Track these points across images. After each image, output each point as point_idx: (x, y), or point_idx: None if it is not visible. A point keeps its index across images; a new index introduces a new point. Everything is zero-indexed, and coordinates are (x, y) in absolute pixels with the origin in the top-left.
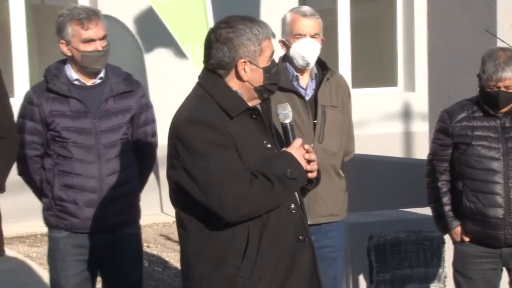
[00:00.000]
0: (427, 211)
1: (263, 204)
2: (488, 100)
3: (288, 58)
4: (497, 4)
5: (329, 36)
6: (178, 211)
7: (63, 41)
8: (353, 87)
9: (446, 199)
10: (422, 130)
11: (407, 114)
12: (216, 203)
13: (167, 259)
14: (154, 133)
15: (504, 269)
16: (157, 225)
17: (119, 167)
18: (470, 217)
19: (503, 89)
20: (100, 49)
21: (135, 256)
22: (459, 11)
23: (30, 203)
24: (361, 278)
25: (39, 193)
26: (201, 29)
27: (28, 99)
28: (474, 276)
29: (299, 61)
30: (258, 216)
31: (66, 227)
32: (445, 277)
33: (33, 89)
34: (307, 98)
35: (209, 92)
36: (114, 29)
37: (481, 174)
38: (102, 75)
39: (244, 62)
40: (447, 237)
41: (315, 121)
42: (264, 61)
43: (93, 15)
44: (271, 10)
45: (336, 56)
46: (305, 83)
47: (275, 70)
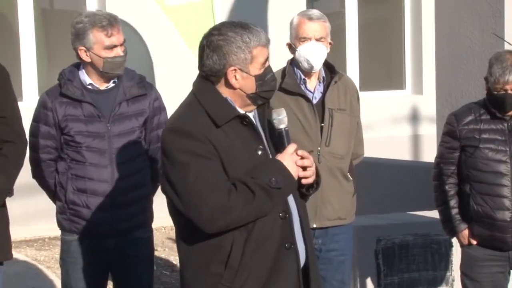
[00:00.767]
0: (434, 214)
1: (243, 215)
2: (495, 103)
3: (295, 62)
4: (504, 7)
5: (337, 39)
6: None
7: (82, 48)
8: (361, 90)
9: (453, 202)
10: (430, 133)
11: (414, 117)
12: (193, 213)
13: (174, 262)
14: None
15: None
16: (165, 229)
17: (132, 171)
18: (478, 220)
19: (510, 92)
20: (122, 54)
21: (146, 260)
22: (466, 14)
23: (38, 207)
24: (368, 282)
25: (53, 196)
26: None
27: (42, 103)
28: (482, 279)
29: (304, 65)
30: (243, 225)
31: (79, 230)
32: (453, 280)
33: (47, 93)
34: (314, 101)
35: (198, 99)
36: (123, 33)
37: (489, 177)
38: (115, 78)
39: (235, 70)
40: (454, 240)
41: (323, 124)
42: (256, 68)
43: (114, 21)
44: (279, 14)
45: (344, 59)
46: (313, 86)
47: (269, 77)
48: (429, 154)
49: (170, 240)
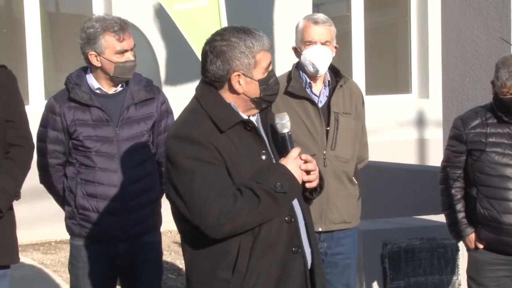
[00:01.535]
0: (441, 218)
1: (249, 220)
2: (502, 107)
3: (301, 65)
4: (511, 11)
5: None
6: (176, 225)
7: (93, 53)
8: (367, 94)
9: (460, 206)
10: (436, 137)
11: (421, 121)
12: (199, 219)
13: (180, 266)
14: None
15: None
16: (171, 232)
17: (141, 174)
18: (484, 224)
19: None
20: (133, 59)
21: (155, 265)
22: (473, 18)
23: (45, 211)
24: (375, 286)
25: (62, 201)
26: None
27: (50, 108)
28: (488, 284)
29: (309, 68)
30: (250, 229)
31: (89, 235)
32: (459, 284)
33: (54, 98)
34: (320, 105)
35: (202, 105)
36: None
37: (495, 181)
38: (123, 82)
39: (238, 75)
40: (461, 244)
41: (328, 128)
42: (259, 73)
43: (125, 26)
44: (285, 17)
45: (350, 63)
46: (318, 90)
47: (273, 81)
48: (436, 158)
49: (176, 244)
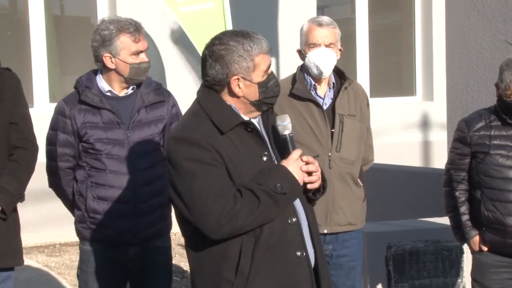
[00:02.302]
0: (445, 220)
1: (249, 221)
2: (506, 109)
3: (305, 68)
4: None
5: (347, 46)
6: (179, 227)
7: (107, 55)
8: (371, 96)
9: (464, 208)
10: (440, 139)
11: (425, 124)
12: (200, 221)
13: (185, 268)
14: None
15: None
16: (175, 235)
17: (152, 177)
18: (489, 227)
19: None
20: (147, 60)
21: (165, 269)
22: (477, 20)
23: (49, 213)
24: None
25: (71, 205)
26: None
27: (60, 111)
28: (493, 286)
29: (313, 70)
30: (250, 230)
31: (100, 239)
32: (463, 287)
33: (64, 100)
34: (325, 107)
35: (203, 107)
36: None
37: (499, 183)
38: (134, 85)
39: (238, 79)
40: (465, 247)
41: (333, 130)
42: (258, 76)
43: (139, 27)
44: (290, 20)
45: (354, 66)
46: (323, 92)
47: (272, 83)
48: (440, 160)
49: (180, 247)
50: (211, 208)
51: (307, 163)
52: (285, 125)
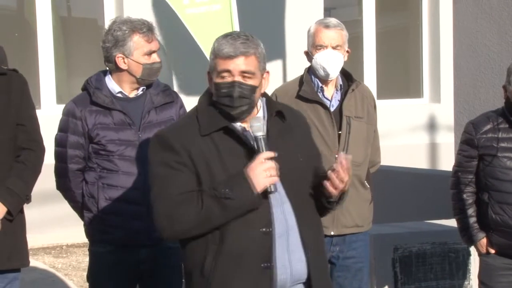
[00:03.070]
0: (452, 222)
1: (192, 225)
2: None
3: (312, 69)
4: None
5: (354, 48)
6: None
7: (120, 55)
8: (379, 98)
9: (471, 211)
10: (448, 142)
11: (432, 126)
12: (154, 219)
13: None
14: None
15: None
16: None
17: None
18: (496, 229)
19: None
20: (159, 60)
21: (176, 270)
22: (485, 22)
23: (56, 214)
24: None
25: (80, 207)
26: None
27: (70, 112)
28: None
29: (320, 72)
30: (206, 233)
31: (111, 240)
32: None
33: (74, 102)
34: (332, 109)
35: (197, 108)
36: None
37: (507, 186)
38: (144, 86)
39: (211, 78)
40: (473, 249)
41: (340, 132)
42: (216, 77)
43: (152, 27)
44: (297, 22)
45: (361, 67)
46: (330, 94)
47: (224, 87)
48: (447, 162)
49: None
50: (157, 210)
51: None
52: (259, 126)
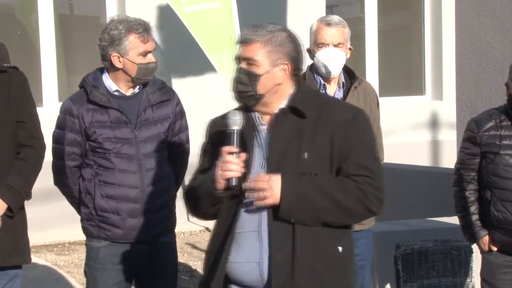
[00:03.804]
0: (454, 220)
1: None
2: None
3: (314, 67)
4: None
5: (356, 45)
6: None
7: (116, 54)
8: (381, 95)
9: (473, 208)
10: (450, 139)
11: (434, 123)
12: None
13: (194, 267)
14: (188, 140)
15: None
16: (183, 234)
17: (160, 175)
18: (498, 227)
19: None
20: (154, 60)
21: (171, 265)
22: (487, 19)
23: (58, 212)
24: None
25: (77, 203)
26: (227, 37)
27: (67, 110)
28: (502, 286)
29: (321, 70)
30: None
31: (108, 237)
32: (473, 287)
33: (72, 100)
34: None
35: None
36: None
37: (509, 183)
38: (141, 84)
39: None
40: (475, 247)
41: None
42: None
43: (148, 27)
44: (299, 19)
45: (363, 65)
46: (333, 91)
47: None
48: (449, 160)
49: (188, 246)
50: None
51: (226, 160)
52: (235, 120)
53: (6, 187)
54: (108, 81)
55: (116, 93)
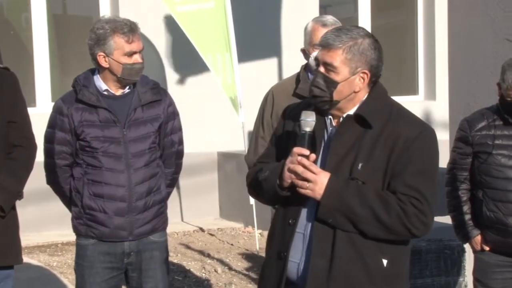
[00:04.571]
0: (447, 219)
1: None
2: (508, 109)
3: (309, 67)
4: None
5: None
6: None
7: (101, 54)
8: None
9: (466, 208)
10: (443, 139)
11: (427, 123)
12: None
13: (187, 268)
14: (181, 141)
15: None
16: (177, 234)
17: (147, 175)
18: (490, 226)
19: None
20: (141, 61)
21: (162, 264)
22: (479, 19)
23: (51, 213)
24: None
25: (68, 202)
26: (222, 38)
27: (57, 109)
28: (495, 286)
29: None
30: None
31: (96, 235)
32: (465, 286)
33: (62, 99)
34: None
35: None
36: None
37: (501, 183)
38: (131, 84)
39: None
40: (467, 246)
41: None
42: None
43: (135, 28)
44: (293, 19)
45: None
46: None
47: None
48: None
49: (182, 246)
50: None
51: (299, 163)
52: (308, 121)
53: None
54: (99, 81)
55: (106, 92)
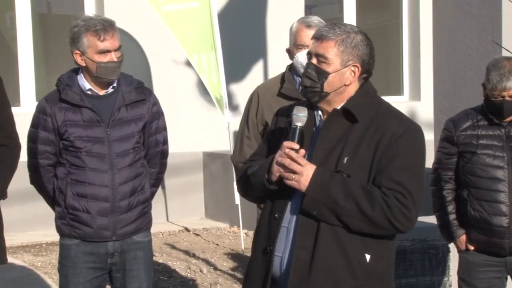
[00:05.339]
0: (432, 219)
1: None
2: (493, 109)
3: (294, 67)
4: (502, 14)
5: None
6: None
7: (77, 52)
8: None
9: (451, 207)
10: (428, 139)
11: None
12: None
13: (172, 268)
14: (166, 140)
15: (509, 277)
16: (162, 234)
17: (131, 175)
18: (475, 226)
19: (507, 98)
20: (115, 60)
21: (146, 264)
22: (464, 20)
23: (35, 213)
24: None
25: (52, 202)
26: (207, 38)
27: (41, 109)
28: (479, 285)
29: (301, 71)
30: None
31: (79, 235)
32: (450, 285)
33: (46, 99)
34: None
35: None
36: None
37: (486, 183)
38: (114, 84)
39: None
40: (452, 246)
41: None
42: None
43: (108, 26)
44: (278, 19)
45: None
46: None
47: None
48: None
49: (167, 246)
50: None
51: (287, 155)
52: (300, 116)
53: None
54: (82, 81)
55: (90, 92)
